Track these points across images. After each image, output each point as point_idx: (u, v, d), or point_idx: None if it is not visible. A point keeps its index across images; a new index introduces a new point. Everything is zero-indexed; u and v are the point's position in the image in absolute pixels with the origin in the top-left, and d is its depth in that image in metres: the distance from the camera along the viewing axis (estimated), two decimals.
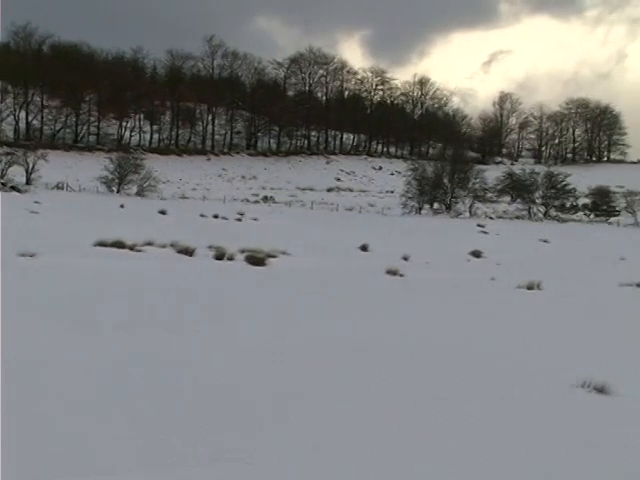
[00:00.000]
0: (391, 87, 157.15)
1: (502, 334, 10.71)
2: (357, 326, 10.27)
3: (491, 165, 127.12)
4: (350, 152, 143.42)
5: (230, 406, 5.59)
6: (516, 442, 5.13)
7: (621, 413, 6.24)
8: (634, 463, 4.88)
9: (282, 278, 16.77)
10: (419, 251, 30.56)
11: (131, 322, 9.01)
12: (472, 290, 17.47)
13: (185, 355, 7.30)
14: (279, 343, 8.33)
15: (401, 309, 12.92)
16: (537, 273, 20.77)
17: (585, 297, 17.65)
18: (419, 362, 7.83)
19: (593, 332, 11.70)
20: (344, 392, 6.26)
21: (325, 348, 8.19)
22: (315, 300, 13.10)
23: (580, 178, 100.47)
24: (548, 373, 7.70)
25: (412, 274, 20.01)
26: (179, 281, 14.35)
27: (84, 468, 4.23)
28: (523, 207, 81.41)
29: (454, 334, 10.28)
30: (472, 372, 7.52)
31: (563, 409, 6.22)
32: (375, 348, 8.48)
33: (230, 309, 11.00)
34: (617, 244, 49.58)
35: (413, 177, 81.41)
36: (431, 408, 5.90)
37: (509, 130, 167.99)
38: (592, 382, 6.82)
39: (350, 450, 4.78)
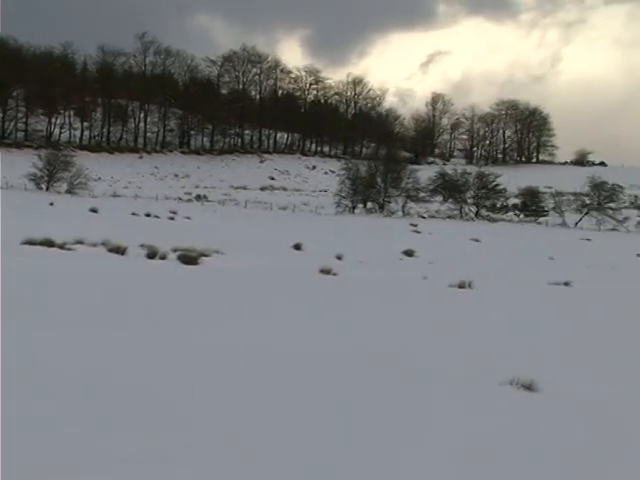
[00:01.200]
0: (325, 86, 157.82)
1: (433, 333, 10.80)
2: (282, 327, 10.23)
3: (424, 165, 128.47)
4: (284, 151, 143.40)
5: (146, 406, 5.50)
6: (447, 440, 5.17)
7: (547, 409, 6.34)
8: (561, 458, 4.96)
9: (214, 277, 16.64)
10: (352, 250, 30.67)
11: (54, 322, 8.79)
12: (404, 289, 17.60)
13: (95, 356, 7.11)
14: (198, 343, 8.24)
15: (332, 308, 12.92)
16: (468, 272, 21.04)
17: (515, 296, 17.95)
18: (346, 362, 7.83)
19: (522, 330, 11.88)
20: (250, 397, 6.22)
21: (243, 353, 8.12)
22: (245, 300, 13.02)
23: (510, 179, 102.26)
24: (477, 371, 7.78)
25: (345, 273, 20.05)
26: (106, 281, 14.10)
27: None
28: (455, 207, 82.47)
29: (384, 333, 10.32)
30: (403, 371, 7.55)
31: (492, 406, 6.30)
32: (296, 349, 8.45)
33: (153, 309, 10.84)
34: (546, 244, 50.60)
35: (347, 176, 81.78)
36: (356, 409, 5.90)
37: (441, 130, 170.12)
38: (520, 379, 6.92)
39: (267, 447, 4.75)
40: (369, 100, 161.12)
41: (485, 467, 4.66)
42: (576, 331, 12.25)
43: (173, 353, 7.51)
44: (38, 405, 5.18)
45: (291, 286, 16.29)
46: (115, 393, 5.72)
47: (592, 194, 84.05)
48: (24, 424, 4.75)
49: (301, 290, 15.68)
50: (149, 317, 9.87)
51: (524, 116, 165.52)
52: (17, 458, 4.24)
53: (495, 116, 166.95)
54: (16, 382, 5.70)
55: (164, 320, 9.75)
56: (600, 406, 6.59)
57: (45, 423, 4.82)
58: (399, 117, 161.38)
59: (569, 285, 21.06)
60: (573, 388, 7.21)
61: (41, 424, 4.80)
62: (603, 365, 9.11)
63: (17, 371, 6.04)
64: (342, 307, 13.15)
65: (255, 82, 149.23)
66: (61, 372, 6.21)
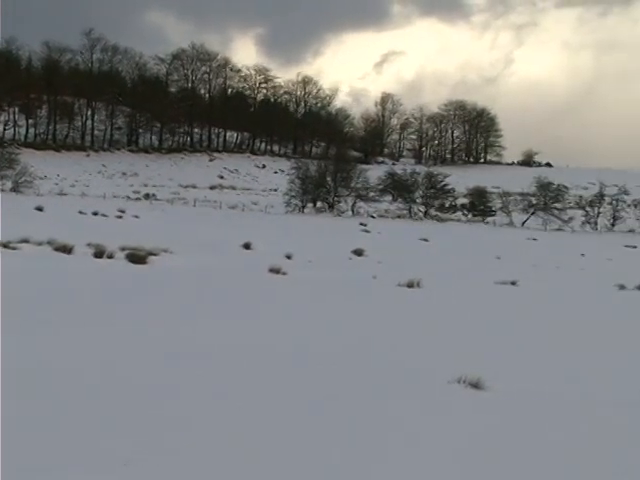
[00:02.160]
0: (275, 86, 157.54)
1: (382, 333, 10.85)
2: (231, 326, 10.20)
3: (373, 165, 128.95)
4: (233, 150, 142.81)
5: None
6: (395, 438, 5.19)
7: (494, 406, 6.41)
8: (507, 453, 5.02)
9: (162, 276, 16.50)
10: (302, 249, 30.67)
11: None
12: (353, 288, 17.65)
13: (35, 356, 7.00)
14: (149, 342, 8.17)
15: (279, 308, 12.90)
16: (417, 271, 21.17)
17: (463, 295, 18.12)
18: (296, 362, 7.83)
19: (469, 329, 12.01)
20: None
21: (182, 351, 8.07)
22: (193, 299, 12.94)
23: (458, 179, 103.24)
24: (426, 370, 7.84)
25: (295, 272, 20.05)
26: (50, 280, 13.89)
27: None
28: (404, 206, 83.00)
29: (331, 332, 10.34)
30: (352, 371, 7.57)
31: (440, 404, 6.34)
32: (231, 350, 8.43)
33: (97, 309, 10.72)
34: (493, 243, 51.19)
35: (296, 176, 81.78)
36: (310, 408, 5.90)
37: (391, 130, 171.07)
38: (467, 378, 6.98)
39: (232, 448, 4.72)
40: (319, 100, 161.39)
41: (431, 465, 4.68)
42: (522, 329, 12.41)
43: (122, 352, 7.42)
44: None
45: (240, 285, 16.23)
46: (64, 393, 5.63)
47: (538, 194, 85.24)
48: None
49: (250, 289, 15.62)
50: (97, 316, 9.74)
51: (472, 117, 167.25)
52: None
53: (444, 116, 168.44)
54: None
55: (113, 319, 9.63)
56: (544, 402, 6.68)
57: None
58: (349, 117, 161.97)
59: (515, 284, 21.32)
60: (519, 385, 7.30)
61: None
62: (547, 363, 9.23)
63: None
64: (290, 306, 13.14)
65: (204, 80, 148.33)
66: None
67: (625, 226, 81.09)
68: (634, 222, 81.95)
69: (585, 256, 46.75)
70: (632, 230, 79.53)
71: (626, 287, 22.54)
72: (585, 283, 25.37)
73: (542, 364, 9.07)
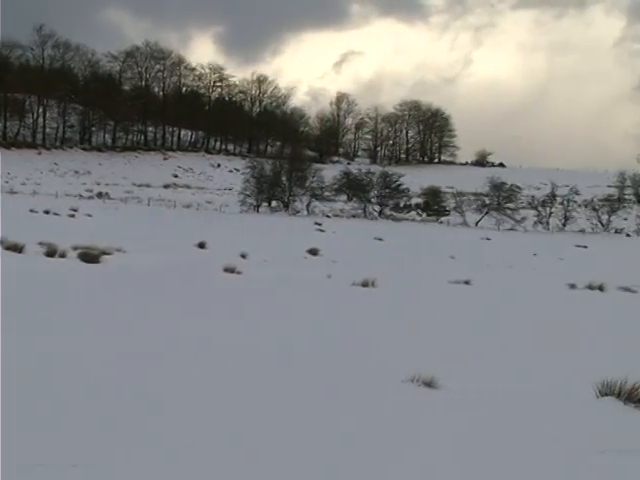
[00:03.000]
0: (229, 84, 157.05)
1: (337, 332, 10.85)
2: (180, 325, 10.11)
3: (328, 164, 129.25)
4: (188, 149, 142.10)
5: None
6: (345, 436, 5.17)
7: (447, 404, 6.44)
8: (455, 449, 5.03)
9: (115, 276, 16.31)
10: (257, 249, 30.57)
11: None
12: (308, 287, 17.63)
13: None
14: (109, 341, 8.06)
15: (232, 307, 12.84)
16: (372, 271, 21.22)
17: (417, 294, 18.22)
18: (245, 362, 7.79)
19: (424, 328, 12.06)
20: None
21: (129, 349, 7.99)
22: (146, 298, 12.81)
23: (413, 178, 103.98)
24: (380, 369, 7.85)
25: (250, 272, 19.98)
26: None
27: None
28: (359, 206, 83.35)
29: (284, 331, 10.31)
30: (304, 371, 7.54)
31: (393, 402, 6.35)
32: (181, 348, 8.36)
33: (47, 308, 10.56)
34: (447, 243, 51.59)
35: (251, 175, 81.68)
36: (257, 408, 5.86)
37: (346, 130, 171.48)
38: (421, 377, 7.00)
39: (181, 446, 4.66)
40: (274, 99, 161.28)
41: (384, 463, 4.68)
42: (475, 329, 12.51)
43: (91, 352, 7.31)
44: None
45: (193, 284, 16.10)
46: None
47: (492, 194, 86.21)
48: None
49: (203, 288, 15.52)
50: (46, 316, 9.58)
51: (427, 117, 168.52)
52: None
53: (398, 116, 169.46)
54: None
55: (65, 319, 9.48)
56: (495, 400, 6.72)
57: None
58: (304, 116, 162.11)
59: (469, 284, 21.48)
60: (472, 384, 7.34)
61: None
62: (500, 362, 9.31)
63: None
64: (244, 305, 13.08)
65: (158, 79, 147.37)
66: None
67: (576, 226, 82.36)
68: (585, 222, 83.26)
69: (537, 256, 47.32)
70: (583, 230, 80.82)
71: (577, 286, 22.86)
72: (537, 282, 25.67)
73: (495, 363, 9.14)
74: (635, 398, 6.64)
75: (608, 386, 6.81)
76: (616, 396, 6.71)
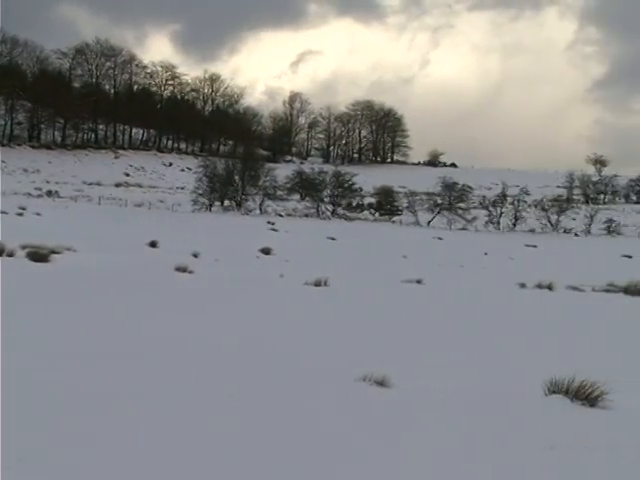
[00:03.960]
0: (181, 83, 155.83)
1: (290, 332, 10.83)
2: (129, 324, 10.02)
3: (281, 163, 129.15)
4: (139, 147, 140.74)
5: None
6: (299, 435, 5.16)
7: (398, 403, 6.46)
8: (406, 445, 5.06)
9: (64, 275, 16.08)
10: (209, 248, 30.45)
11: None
12: (260, 287, 17.58)
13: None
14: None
15: (182, 306, 12.74)
16: (325, 270, 21.24)
17: (369, 293, 18.27)
18: (200, 363, 7.73)
19: (375, 327, 12.10)
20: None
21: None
22: (95, 297, 12.66)
23: (366, 178, 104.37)
24: (333, 369, 7.85)
25: (202, 271, 19.88)
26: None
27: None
28: (312, 205, 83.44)
29: (236, 331, 10.26)
30: (257, 371, 7.52)
31: (345, 401, 6.35)
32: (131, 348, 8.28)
33: None
34: (400, 242, 51.91)
35: (204, 174, 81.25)
36: (220, 407, 5.82)
37: (299, 129, 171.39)
38: (373, 376, 7.02)
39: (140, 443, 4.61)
40: (227, 97, 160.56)
41: (337, 463, 4.68)
42: (426, 328, 12.58)
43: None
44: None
45: (144, 283, 15.95)
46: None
47: (443, 194, 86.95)
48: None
49: (154, 287, 15.38)
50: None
51: (379, 117, 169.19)
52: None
53: (351, 116, 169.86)
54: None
55: (11, 318, 9.32)
56: (446, 399, 6.77)
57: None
58: (257, 115, 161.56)
59: (421, 283, 21.62)
60: (422, 383, 7.38)
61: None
62: (450, 360, 9.38)
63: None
64: (194, 304, 13.00)
65: (109, 76, 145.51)
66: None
67: (526, 226, 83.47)
68: (534, 222, 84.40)
69: (488, 255, 47.86)
70: (532, 230, 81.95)
71: (526, 286, 23.14)
72: (488, 282, 25.93)
73: (446, 362, 9.21)
74: (582, 395, 6.73)
75: (556, 384, 6.89)
76: (564, 394, 6.80)
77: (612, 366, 8.98)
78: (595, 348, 11.42)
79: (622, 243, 69.96)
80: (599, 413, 6.55)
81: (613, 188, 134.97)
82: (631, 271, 28.26)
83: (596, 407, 6.69)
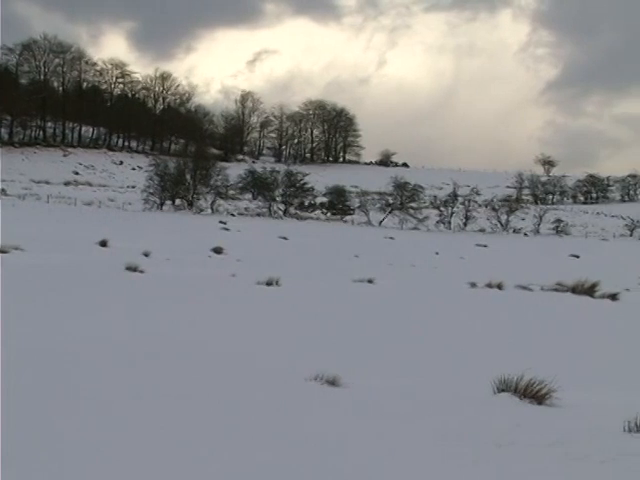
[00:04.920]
0: (132, 80, 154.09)
1: (240, 332, 10.79)
2: (74, 323, 9.90)
3: (233, 163, 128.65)
4: (89, 145, 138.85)
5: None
6: (250, 433, 5.15)
7: (350, 402, 6.48)
8: (355, 442, 5.07)
9: (11, 275, 15.82)
10: (161, 247, 30.23)
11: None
12: (211, 286, 17.50)
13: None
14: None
15: (131, 305, 12.62)
16: (277, 269, 21.23)
17: (320, 293, 18.29)
18: (147, 363, 7.67)
19: (326, 326, 12.12)
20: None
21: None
22: (40, 297, 12.48)
23: (318, 177, 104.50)
24: (284, 368, 7.85)
25: (153, 270, 19.73)
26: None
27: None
28: (264, 205, 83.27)
29: (188, 333, 10.19)
30: (206, 372, 7.48)
31: (296, 400, 6.36)
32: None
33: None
34: (352, 242, 52.10)
35: (155, 172, 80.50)
36: (170, 408, 5.78)
37: (251, 129, 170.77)
38: (324, 375, 7.03)
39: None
40: (178, 96, 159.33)
41: (286, 462, 4.67)
42: (377, 327, 12.64)
43: None
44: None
45: (92, 283, 15.77)
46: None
47: (395, 194, 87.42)
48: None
49: (104, 287, 15.21)
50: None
51: (331, 116, 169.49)
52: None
53: (303, 116, 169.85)
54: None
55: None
56: (397, 397, 6.81)
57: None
58: (208, 114, 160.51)
59: (373, 282, 21.71)
60: (373, 382, 7.42)
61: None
62: (401, 359, 9.45)
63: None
64: (140, 304, 12.88)
65: (58, 73, 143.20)
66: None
67: (476, 225, 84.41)
68: (485, 222, 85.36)
69: (439, 254, 48.29)
70: (483, 230, 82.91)
71: (477, 285, 23.38)
72: (439, 281, 26.16)
73: (397, 361, 9.27)
74: (530, 394, 6.83)
75: (505, 382, 6.98)
76: (513, 392, 6.88)
77: (559, 364, 9.12)
78: (543, 346, 11.59)
79: (570, 243, 71.18)
80: (546, 410, 6.64)
81: (561, 188, 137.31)
82: (578, 270, 28.70)
83: (543, 404, 6.79)
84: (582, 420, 6.24)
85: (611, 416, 6.05)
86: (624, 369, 9.96)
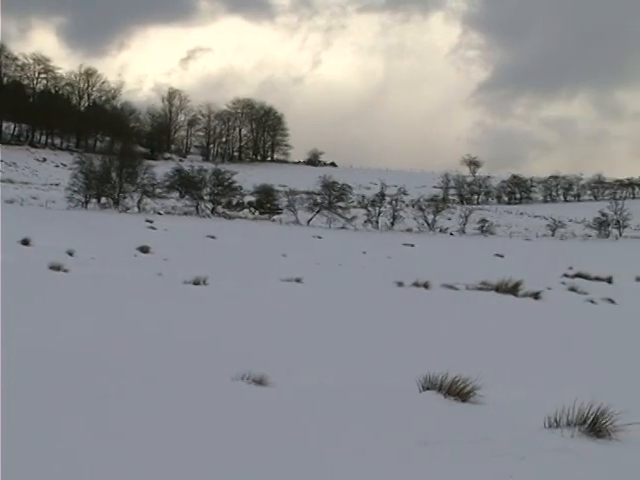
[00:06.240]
0: (56, 76, 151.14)
1: (165, 331, 10.67)
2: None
3: (160, 161, 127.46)
4: (11, 142, 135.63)
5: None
6: (176, 437, 5.10)
7: (275, 400, 6.48)
8: (287, 447, 5.07)
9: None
10: (85, 246, 29.72)
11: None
12: (137, 286, 17.28)
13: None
14: None
15: (50, 306, 12.38)
16: (204, 269, 21.09)
17: (249, 292, 18.25)
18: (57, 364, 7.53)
19: (255, 326, 12.09)
20: None
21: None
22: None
23: (246, 176, 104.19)
24: (210, 368, 7.79)
25: (78, 269, 19.41)
26: None
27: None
28: (192, 203, 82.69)
29: (110, 330, 10.04)
30: (130, 373, 7.38)
31: (223, 399, 6.33)
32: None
33: None
34: (280, 241, 52.10)
35: (80, 170, 79.10)
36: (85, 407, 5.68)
37: (178, 127, 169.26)
38: (252, 375, 7.02)
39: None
40: (103, 93, 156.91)
41: (216, 463, 4.64)
42: (304, 325, 12.67)
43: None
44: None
45: (13, 283, 15.39)
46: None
47: (323, 193, 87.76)
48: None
49: (25, 287, 14.86)
50: None
51: (259, 115, 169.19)
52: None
53: (231, 114, 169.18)
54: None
55: None
56: (323, 395, 6.84)
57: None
58: (135, 111, 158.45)
59: (300, 281, 21.74)
60: (300, 381, 7.43)
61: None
62: (327, 357, 9.48)
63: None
64: (68, 304, 12.65)
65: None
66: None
67: (404, 225, 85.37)
68: (412, 221, 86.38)
69: (367, 254, 48.63)
70: (410, 229, 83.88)
71: (404, 284, 23.61)
72: (366, 280, 26.34)
73: (323, 359, 9.30)
74: (455, 392, 6.92)
75: (430, 380, 7.06)
76: (437, 390, 6.97)
77: (483, 362, 9.27)
78: (468, 345, 11.77)
79: (494, 242, 72.55)
80: (470, 408, 6.74)
81: (486, 189, 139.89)
82: (502, 270, 29.27)
83: (468, 402, 6.88)
84: (504, 417, 6.35)
85: (532, 413, 6.17)
86: (545, 367, 10.18)
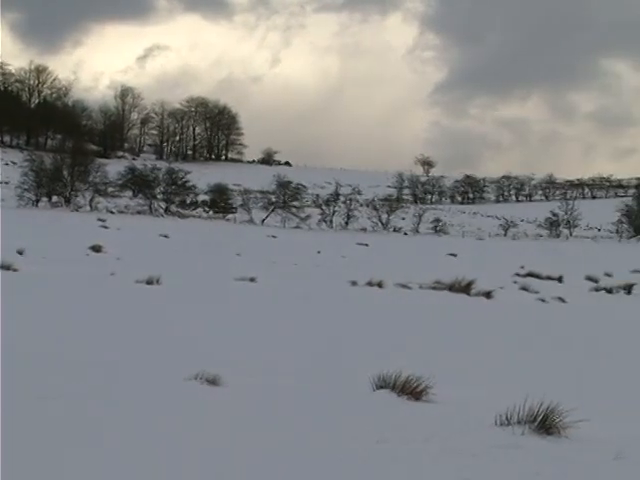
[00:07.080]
0: (4, 73, 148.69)
1: (116, 331, 10.57)
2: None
3: (113, 159, 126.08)
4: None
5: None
6: (128, 438, 5.05)
7: (228, 399, 6.46)
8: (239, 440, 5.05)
9: None
10: (36, 245, 29.29)
11: None
12: (89, 285, 17.09)
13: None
14: None
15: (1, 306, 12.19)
16: (157, 268, 20.92)
17: (203, 291, 18.16)
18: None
19: (208, 324, 12.03)
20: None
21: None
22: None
23: (200, 175, 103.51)
24: (161, 368, 7.73)
25: (28, 269, 19.14)
26: None
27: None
28: (145, 202, 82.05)
29: (59, 331, 9.93)
30: (88, 373, 7.30)
31: (176, 399, 6.28)
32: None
33: None
34: (234, 240, 51.90)
35: (30, 168, 77.99)
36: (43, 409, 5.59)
37: (131, 125, 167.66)
38: (205, 375, 6.98)
39: None
40: (55, 90, 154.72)
41: (164, 466, 4.60)
42: (256, 325, 12.64)
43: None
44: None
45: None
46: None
47: (278, 192, 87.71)
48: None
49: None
50: None
51: (213, 114, 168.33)
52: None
53: (185, 113, 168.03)
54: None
55: None
56: (274, 395, 6.83)
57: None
58: (87, 109, 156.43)
59: (254, 281, 21.69)
60: (254, 381, 7.40)
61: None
62: (279, 357, 9.47)
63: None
64: (17, 303, 12.46)
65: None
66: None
67: (358, 224, 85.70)
68: (366, 221, 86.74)
69: (321, 253, 48.67)
70: (364, 229, 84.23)
71: (358, 283, 23.68)
72: (321, 279, 26.36)
73: (275, 359, 9.28)
74: (408, 390, 6.95)
75: (384, 379, 7.08)
76: (391, 389, 6.99)
77: (436, 361, 9.34)
78: (421, 344, 11.84)
79: (448, 242, 73.14)
80: (423, 406, 6.78)
81: (440, 189, 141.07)
82: (455, 269, 29.51)
83: (421, 401, 6.93)
84: (457, 415, 6.40)
85: (484, 411, 6.23)
86: (497, 365, 10.28)
